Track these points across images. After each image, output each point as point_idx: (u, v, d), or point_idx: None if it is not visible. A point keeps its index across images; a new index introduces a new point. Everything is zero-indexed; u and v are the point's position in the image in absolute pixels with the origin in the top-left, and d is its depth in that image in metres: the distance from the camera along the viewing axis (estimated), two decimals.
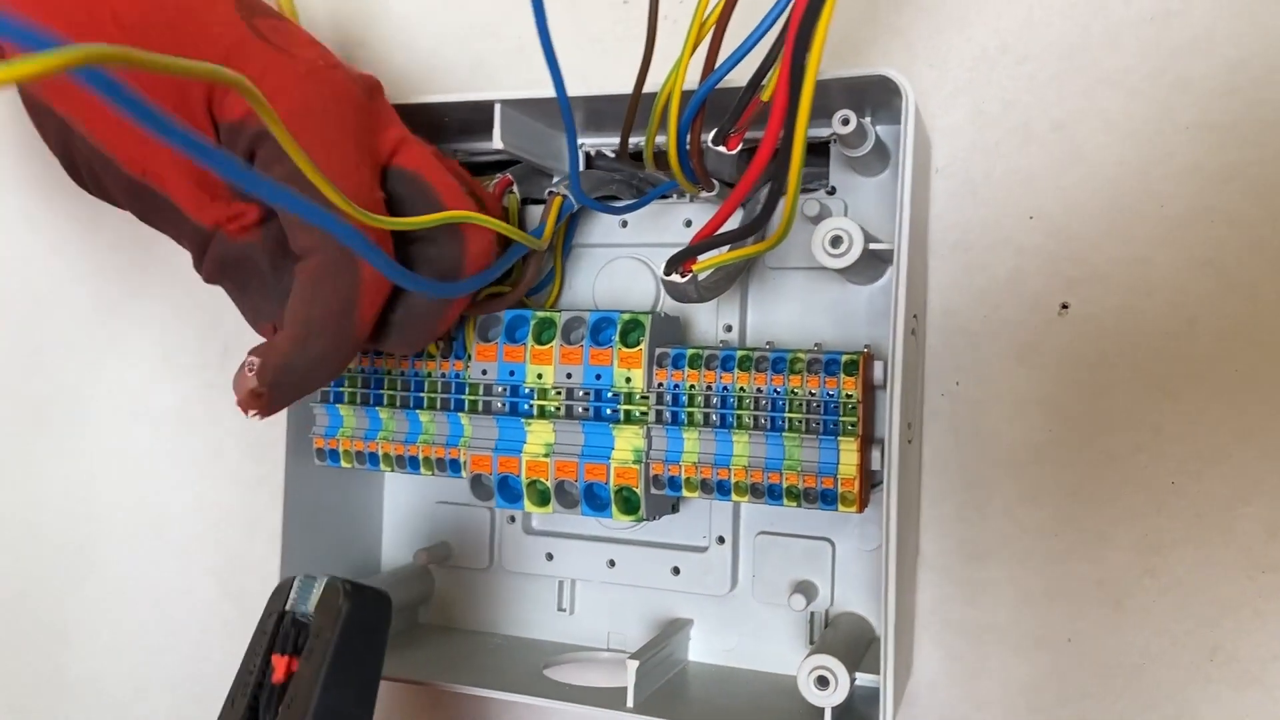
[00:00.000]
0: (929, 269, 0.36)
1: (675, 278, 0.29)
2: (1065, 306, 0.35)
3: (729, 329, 0.37)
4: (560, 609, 0.40)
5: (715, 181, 0.32)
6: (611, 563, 0.39)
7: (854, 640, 0.34)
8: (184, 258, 0.47)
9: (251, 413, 0.28)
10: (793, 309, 0.37)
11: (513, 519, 0.40)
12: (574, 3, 0.41)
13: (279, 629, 0.30)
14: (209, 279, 0.33)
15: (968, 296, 0.36)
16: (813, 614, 0.37)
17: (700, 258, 0.28)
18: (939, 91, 0.36)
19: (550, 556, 0.39)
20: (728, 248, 0.27)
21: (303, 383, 0.29)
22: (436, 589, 0.42)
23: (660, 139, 0.31)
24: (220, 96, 0.29)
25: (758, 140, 0.35)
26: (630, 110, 0.30)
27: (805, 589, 0.36)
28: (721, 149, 0.30)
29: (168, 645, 0.47)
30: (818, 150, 0.37)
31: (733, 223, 0.29)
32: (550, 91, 0.34)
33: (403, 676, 0.36)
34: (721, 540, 0.37)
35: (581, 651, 0.39)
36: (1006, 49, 0.35)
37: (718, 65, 0.28)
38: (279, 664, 0.29)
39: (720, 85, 0.29)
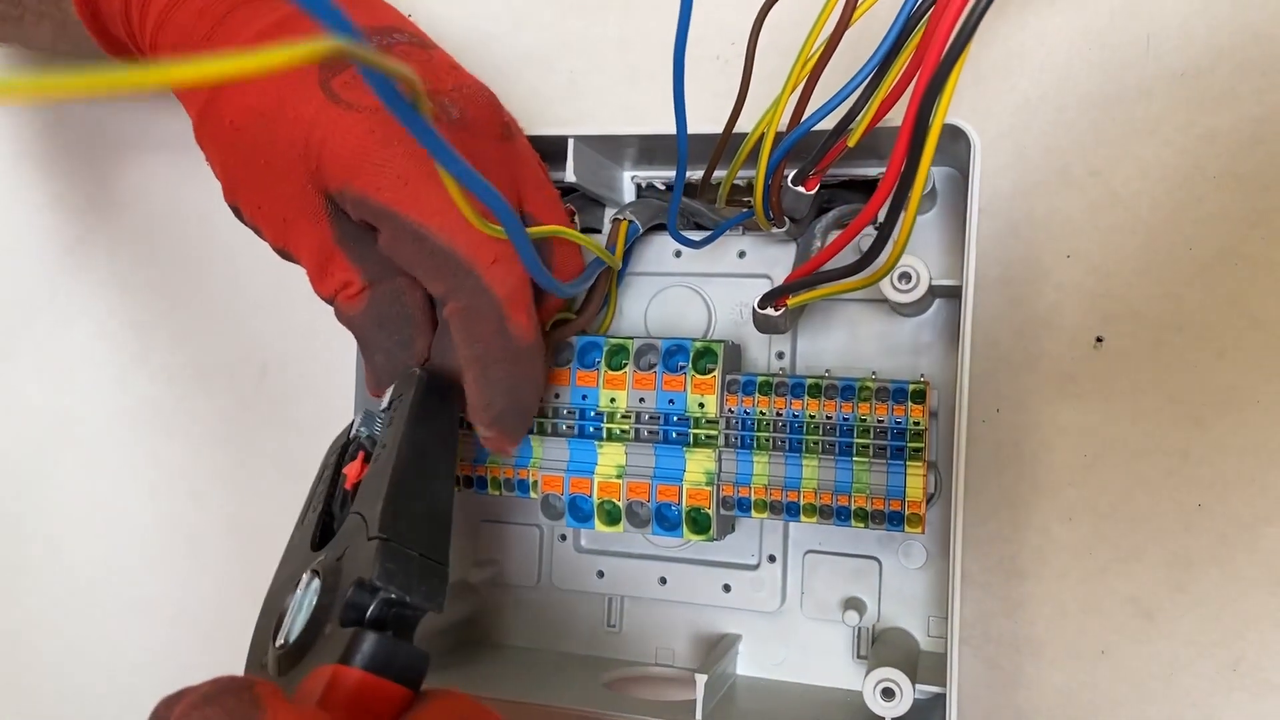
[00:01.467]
0: (974, 302, 0.38)
1: (770, 311, 0.30)
2: (1100, 340, 0.37)
3: (780, 356, 0.39)
4: (610, 626, 0.41)
5: (787, 218, 0.34)
6: (663, 580, 0.40)
7: (904, 655, 0.36)
8: (221, 268, 0.47)
9: (506, 451, 0.33)
10: (841, 338, 0.39)
11: (564, 537, 0.41)
12: (623, 41, 0.43)
13: (344, 450, 0.31)
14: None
15: (1008, 329, 0.38)
16: (859, 630, 0.38)
17: (792, 294, 0.30)
18: (983, 135, 0.38)
19: (601, 574, 0.41)
20: (820, 285, 0.29)
21: (517, 406, 0.32)
22: (484, 606, 0.43)
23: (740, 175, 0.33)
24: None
25: (836, 178, 0.37)
26: (719, 147, 0.32)
27: (855, 605, 0.37)
28: (800, 189, 0.32)
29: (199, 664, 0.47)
30: (867, 188, 0.39)
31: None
32: (610, 129, 0.36)
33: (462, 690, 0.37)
34: (772, 559, 0.39)
35: (634, 666, 0.40)
36: (1046, 98, 0.38)
37: (808, 109, 0.30)
38: (350, 471, 0.30)
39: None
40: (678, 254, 0.40)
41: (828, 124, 0.30)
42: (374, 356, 0.33)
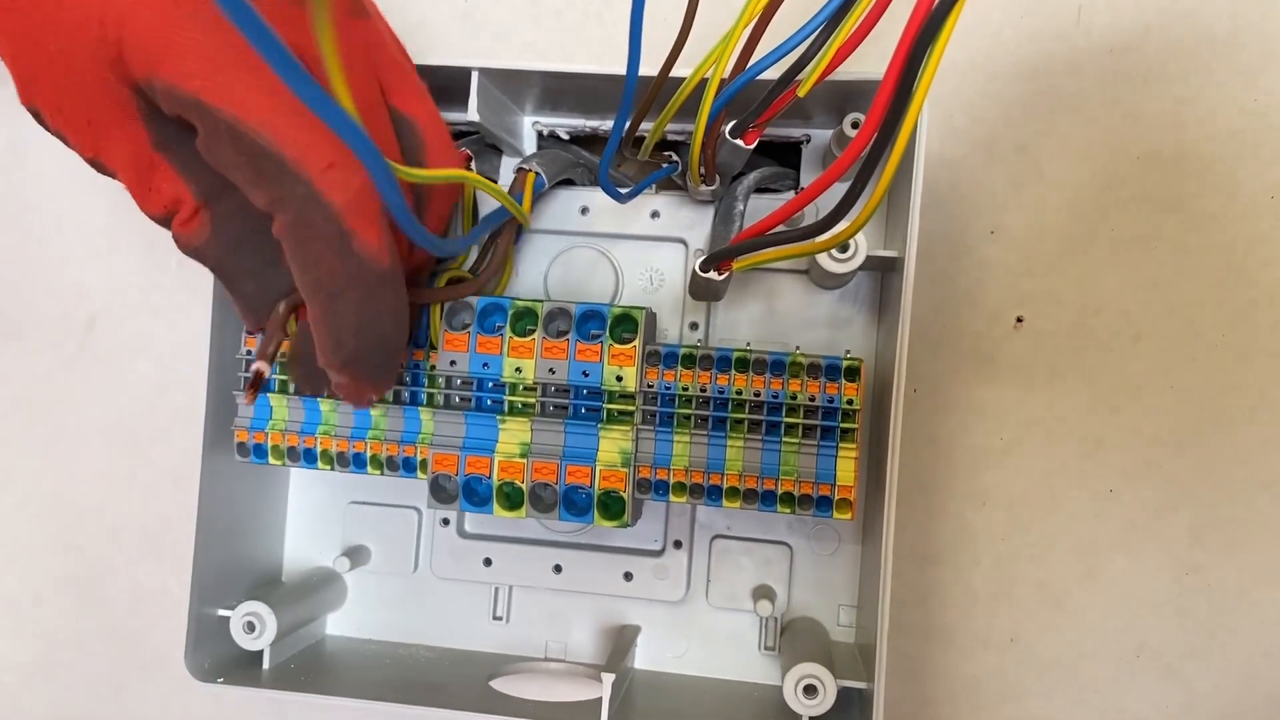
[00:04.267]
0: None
1: (713, 275, 0.27)
2: (1020, 320, 0.36)
3: (694, 327, 0.36)
4: (496, 617, 0.37)
5: (718, 176, 0.31)
6: (558, 568, 0.37)
7: (816, 645, 0.34)
8: (41, 215, 0.40)
9: (367, 401, 0.26)
10: (758, 310, 0.36)
11: (446, 521, 0.37)
12: None
13: None
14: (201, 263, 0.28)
15: (928, 306, 0.36)
16: (766, 619, 0.36)
17: (738, 257, 0.27)
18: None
19: (489, 562, 0.37)
20: (777, 247, 0.26)
21: (374, 346, 0.26)
22: (350, 596, 0.38)
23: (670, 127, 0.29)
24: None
25: (776, 136, 0.34)
26: (653, 93, 0.28)
27: (766, 594, 0.35)
28: (739, 142, 0.29)
29: (21, 671, 0.41)
30: (786, 151, 0.37)
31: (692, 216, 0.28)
32: (519, 64, 0.32)
33: (334, 693, 0.32)
34: (678, 544, 0.36)
35: (523, 662, 0.37)
36: (976, 66, 0.36)
37: (754, 56, 0.27)
38: None
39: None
40: (584, 211, 0.36)
41: (773, 73, 0.28)
42: (241, 287, 0.28)
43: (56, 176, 0.41)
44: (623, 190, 0.31)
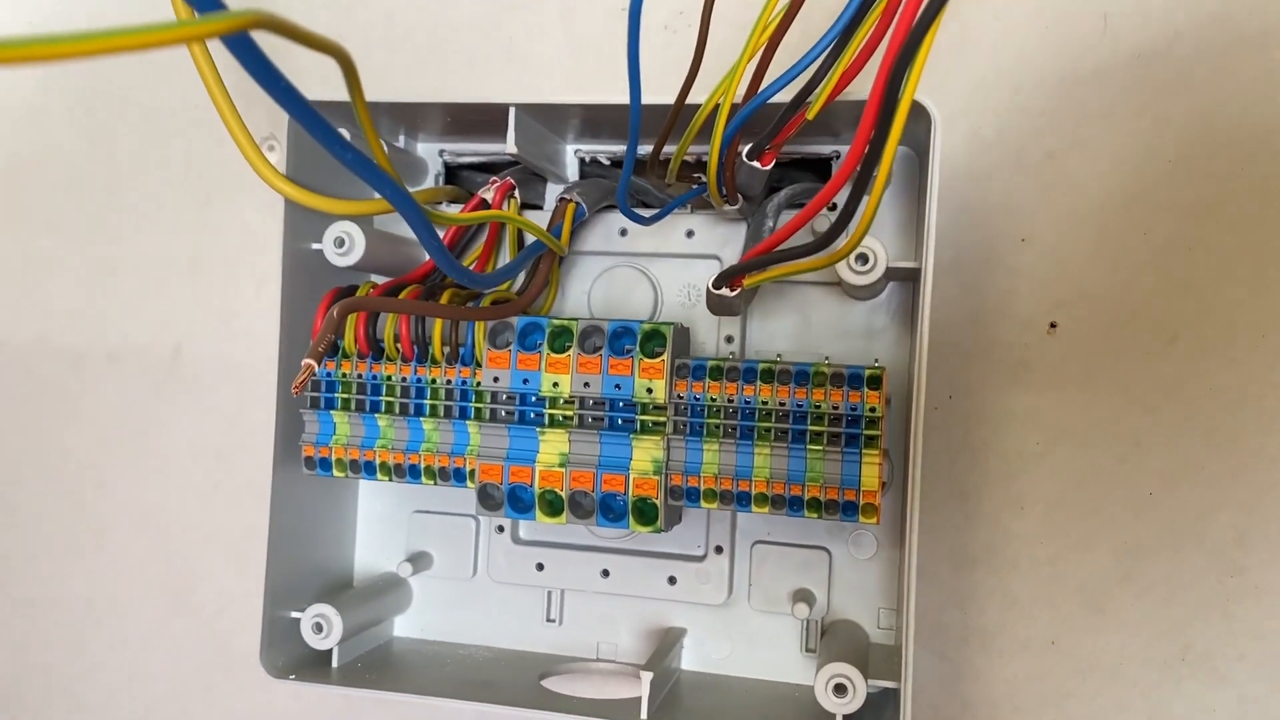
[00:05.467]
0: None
1: (725, 292, 0.29)
2: (1054, 325, 0.36)
3: (730, 340, 0.37)
4: (549, 620, 0.39)
5: (740, 195, 0.33)
6: (605, 572, 0.38)
7: (854, 647, 0.35)
8: (129, 247, 0.44)
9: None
10: (792, 322, 0.37)
11: (501, 528, 0.39)
12: (566, 8, 0.41)
13: None
14: None
15: (961, 314, 0.37)
16: (807, 623, 0.37)
17: (748, 274, 0.28)
18: (939, 115, 0.37)
19: (541, 566, 0.39)
20: (780, 264, 0.28)
21: None
22: (414, 601, 0.41)
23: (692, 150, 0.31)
24: None
25: (787, 156, 0.36)
26: (671, 118, 0.30)
27: (805, 597, 0.36)
28: (755, 164, 0.31)
29: (119, 666, 0.44)
30: (818, 167, 0.38)
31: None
32: (556, 98, 0.34)
33: (396, 689, 0.35)
34: (719, 550, 0.38)
35: (575, 662, 0.38)
36: (1002, 78, 0.37)
37: (764, 81, 0.29)
38: None
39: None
40: (623, 232, 0.38)
41: (785, 97, 0.29)
42: None
43: (148, 216, 0.44)
44: (645, 214, 0.33)
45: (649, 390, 0.32)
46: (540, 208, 0.39)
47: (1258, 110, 0.35)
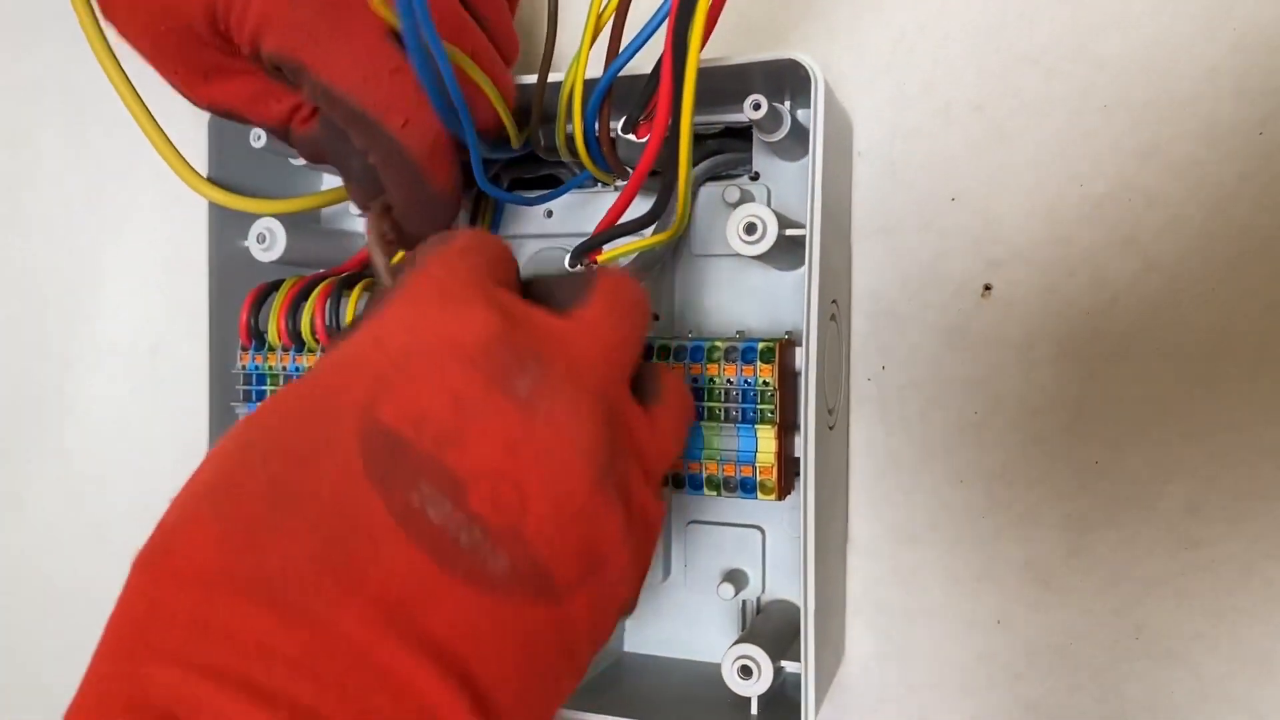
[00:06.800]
0: (853, 253, 0.36)
1: (580, 269, 0.28)
2: (988, 288, 0.34)
3: (657, 318, 0.37)
4: None
5: (628, 169, 0.32)
6: None
7: (783, 628, 0.34)
8: (110, 254, 0.46)
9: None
10: (719, 296, 0.36)
11: None
12: None
13: None
14: (312, 161, 0.34)
15: (892, 280, 0.35)
16: (744, 602, 0.36)
17: (605, 248, 0.28)
18: (859, 73, 0.36)
19: None
20: (632, 238, 0.27)
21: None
22: None
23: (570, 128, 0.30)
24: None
25: (714, 126, 0.35)
26: (537, 101, 0.30)
27: (734, 578, 0.36)
28: (631, 137, 0.30)
29: None
30: (742, 134, 0.37)
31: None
32: None
33: None
34: None
35: None
36: (925, 29, 0.35)
37: (621, 52, 0.28)
38: None
39: (626, 73, 0.28)
40: (549, 214, 0.38)
41: (647, 67, 0.28)
42: (349, 166, 0.32)
43: (118, 224, 0.46)
44: (531, 195, 0.33)
45: None
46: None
47: (1200, 44, 0.32)
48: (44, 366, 0.48)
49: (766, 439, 0.30)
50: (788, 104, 0.34)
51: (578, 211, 0.38)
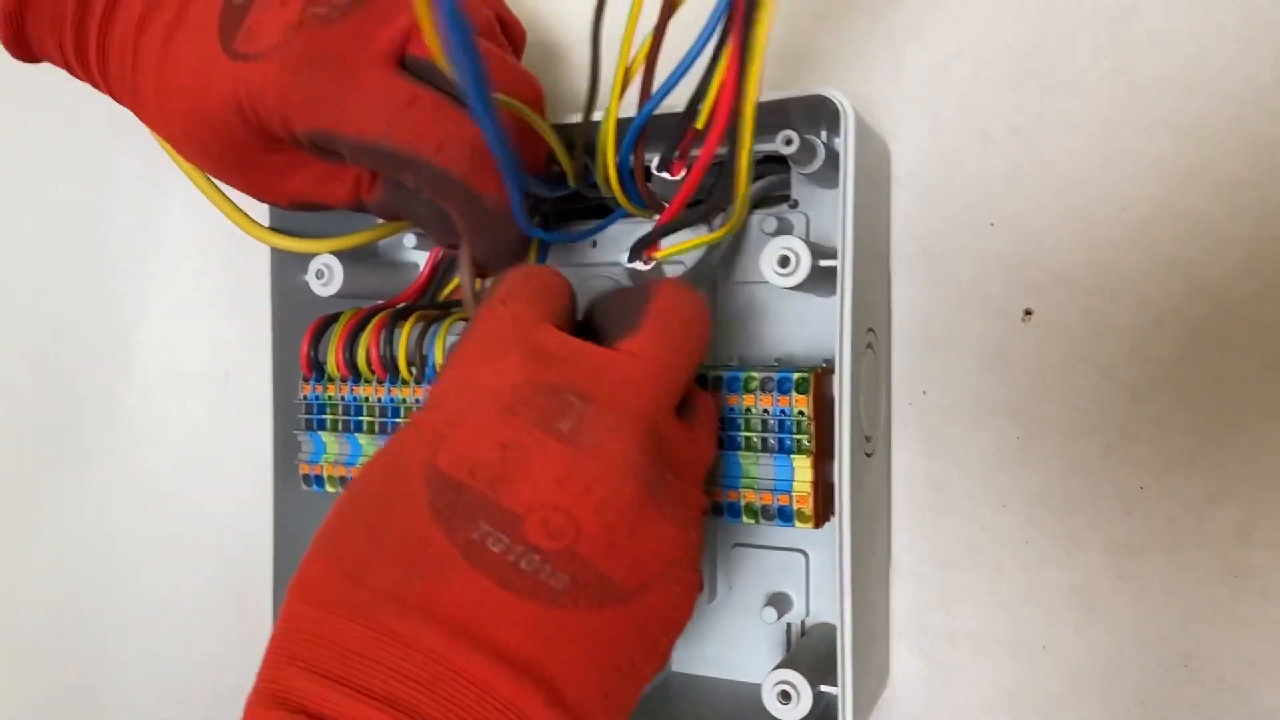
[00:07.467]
0: (892, 279, 0.36)
1: (639, 265, 0.30)
2: (1029, 312, 0.34)
3: None
4: None
5: (663, 204, 0.33)
6: None
7: (826, 651, 0.34)
8: (191, 283, 0.49)
9: None
10: (759, 323, 0.37)
11: None
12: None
13: None
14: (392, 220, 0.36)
15: (932, 305, 0.36)
16: (789, 625, 0.37)
17: (663, 244, 0.29)
18: (896, 99, 0.36)
19: None
20: (689, 235, 0.28)
21: (505, 256, 0.33)
22: None
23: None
24: None
25: (764, 151, 0.36)
26: (580, 140, 0.31)
27: (778, 601, 0.36)
28: (665, 175, 0.31)
29: (187, 659, 0.49)
30: (781, 160, 0.37)
31: None
32: None
33: None
34: None
35: None
36: (962, 54, 0.35)
37: (652, 94, 0.29)
38: None
39: (661, 110, 0.29)
40: (594, 244, 0.39)
41: (680, 104, 0.29)
42: (420, 214, 0.34)
43: (194, 251, 0.49)
44: (580, 230, 0.34)
45: None
46: None
47: (1242, 63, 0.32)
48: (121, 389, 0.51)
49: (803, 468, 0.31)
50: (824, 134, 0.34)
51: (624, 240, 0.38)
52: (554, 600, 0.23)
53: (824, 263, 0.31)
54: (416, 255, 0.42)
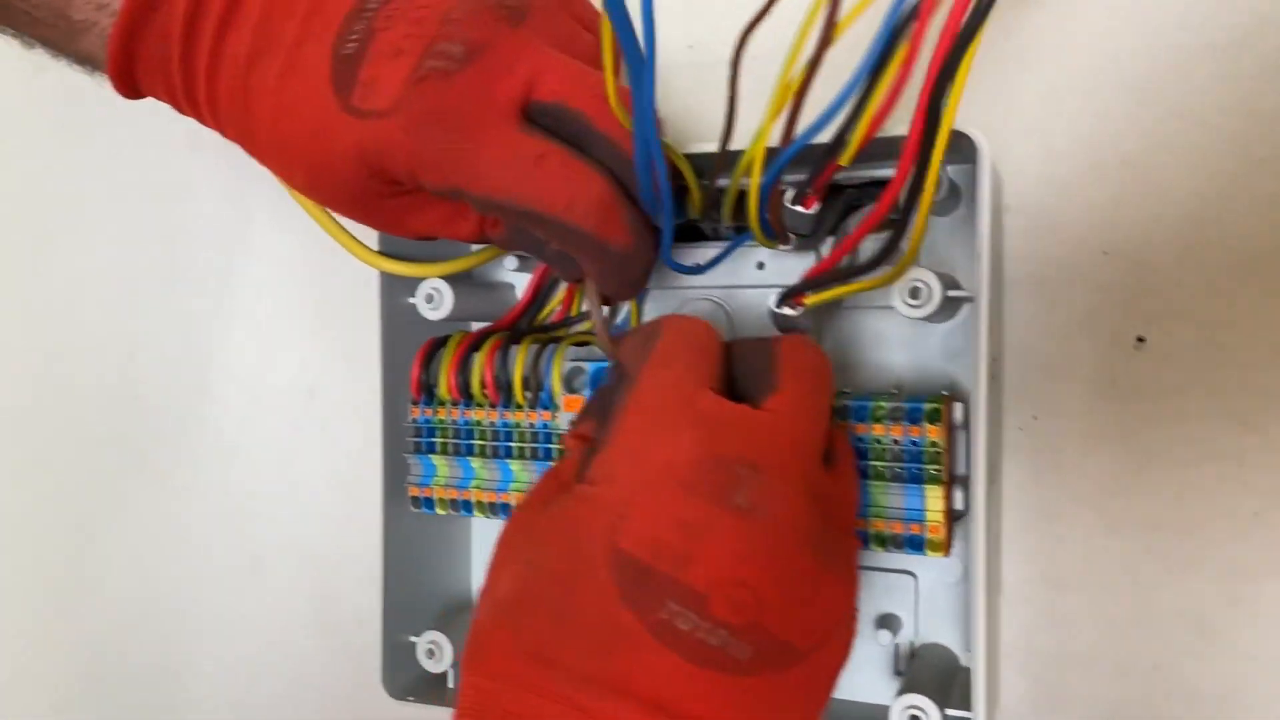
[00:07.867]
0: (1005, 305, 0.37)
1: (787, 310, 0.30)
2: (1142, 340, 0.35)
3: None
4: None
5: (790, 235, 0.33)
6: None
7: (941, 674, 0.35)
8: (268, 301, 0.49)
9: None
10: (869, 348, 0.37)
11: None
12: None
13: None
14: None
15: (1044, 332, 0.36)
16: (897, 646, 0.37)
17: (809, 293, 0.30)
18: (1008, 128, 0.36)
19: None
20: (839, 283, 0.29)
21: (633, 288, 0.34)
22: None
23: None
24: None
25: (854, 180, 0.36)
26: (718, 166, 0.31)
27: (889, 622, 0.37)
28: (799, 209, 0.31)
29: (270, 679, 0.49)
30: (883, 184, 0.38)
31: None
32: None
33: None
34: None
35: None
36: (1074, 85, 0.36)
37: (799, 125, 0.29)
38: None
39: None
40: (697, 266, 0.39)
41: (825, 136, 0.29)
42: (543, 253, 0.34)
43: (268, 264, 0.49)
44: (688, 264, 0.34)
45: None
46: None
47: None
48: (203, 408, 0.51)
49: (935, 498, 0.31)
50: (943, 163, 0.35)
51: (726, 264, 0.39)
52: (740, 670, 0.24)
53: (952, 293, 0.32)
54: (515, 277, 0.42)
